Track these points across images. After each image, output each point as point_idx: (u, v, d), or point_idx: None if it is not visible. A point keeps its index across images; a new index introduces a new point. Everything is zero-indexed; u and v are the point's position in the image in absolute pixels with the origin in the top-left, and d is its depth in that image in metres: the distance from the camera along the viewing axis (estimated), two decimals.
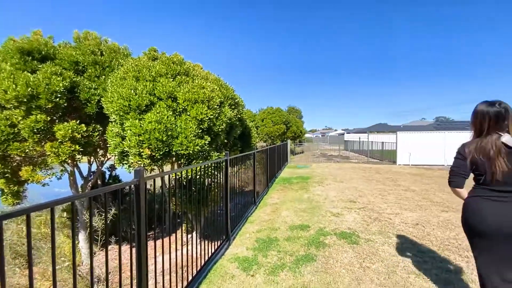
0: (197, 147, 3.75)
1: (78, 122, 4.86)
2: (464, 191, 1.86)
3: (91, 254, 1.78)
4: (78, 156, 5.37)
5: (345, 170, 11.17)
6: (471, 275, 2.59)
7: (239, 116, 4.97)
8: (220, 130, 4.14)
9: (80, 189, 6.53)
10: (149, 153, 3.81)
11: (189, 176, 3.01)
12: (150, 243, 2.38)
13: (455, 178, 1.83)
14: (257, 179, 6.18)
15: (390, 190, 6.77)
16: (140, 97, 4.02)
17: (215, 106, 4.05)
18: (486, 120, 1.68)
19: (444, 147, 12.98)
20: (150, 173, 4.35)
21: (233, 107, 4.69)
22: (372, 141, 18.53)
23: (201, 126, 3.90)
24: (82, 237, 6.43)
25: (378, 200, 5.79)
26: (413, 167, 12.31)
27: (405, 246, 3.31)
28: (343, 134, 50.32)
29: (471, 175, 1.83)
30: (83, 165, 6.74)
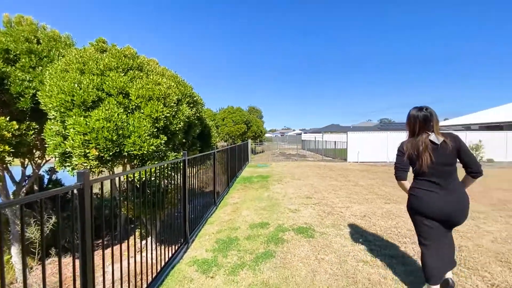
0: (152, 147, 3.54)
1: (8, 118, 4.20)
2: (407, 183, 2.18)
3: (24, 270, 1.55)
4: (8, 158, 4.65)
5: (302, 168, 11.70)
6: (408, 258, 2.94)
7: (198, 115, 4.84)
8: (177, 129, 3.97)
9: (11, 196, 5.66)
10: (97, 154, 3.47)
11: (143, 178, 2.82)
12: (99, 252, 2.17)
13: (399, 172, 2.16)
14: (217, 179, 6.10)
15: (342, 186, 7.30)
16: (85, 92, 3.64)
17: (172, 104, 3.87)
18: (417, 123, 2.05)
19: (387, 145, 14.48)
20: (98, 175, 3.97)
21: (191, 105, 4.55)
22: (326, 141, 19.75)
23: (156, 124, 3.69)
24: (15, 250, 5.59)
25: (331, 195, 6.19)
26: (361, 164, 13.45)
27: (355, 236, 3.60)
28: (300, 134, 52.66)
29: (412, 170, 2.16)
30: (16, 169, 5.86)
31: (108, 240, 5.90)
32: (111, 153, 3.49)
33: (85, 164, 3.55)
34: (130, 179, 3.57)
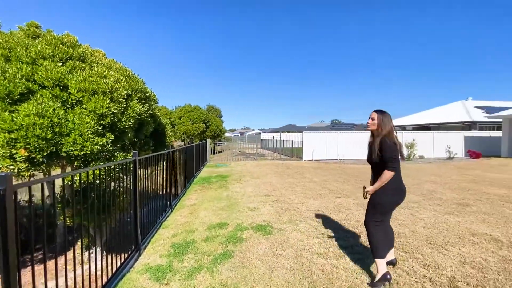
0: (97, 146, 3.18)
1: None
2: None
3: None
4: None
5: (261, 167, 11.89)
6: (356, 247, 3.18)
7: (151, 112, 4.53)
8: (127, 127, 3.65)
9: None
10: (27, 154, 2.99)
11: (85, 181, 2.52)
12: (36, 268, 1.87)
13: (395, 164, 2.33)
14: (173, 180, 5.81)
15: (298, 183, 7.61)
16: (12, 83, 3.11)
17: (121, 99, 3.54)
18: (392, 122, 2.45)
19: (338, 144, 15.59)
20: (30, 179, 3.43)
21: (143, 101, 4.23)
22: (284, 140, 20.41)
23: (102, 121, 3.33)
24: None
25: (289, 192, 6.41)
26: (315, 162, 14.23)
27: (310, 230, 3.77)
28: (259, 133, 53.48)
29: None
30: None
31: (42, 253, 5.16)
32: (45, 154, 3.04)
33: (12, 167, 3.04)
34: (69, 183, 3.17)
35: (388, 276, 2.36)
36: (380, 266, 2.38)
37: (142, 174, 4.21)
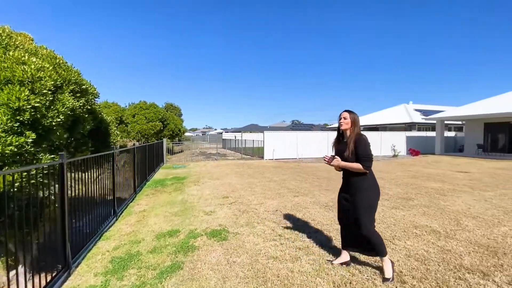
0: (11, 147, 2.60)
1: None
2: None
3: None
4: None
5: (222, 167, 11.58)
6: (312, 248, 3.15)
7: (89, 108, 3.95)
8: (54, 124, 3.08)
9: None
10: None
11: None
12: None
13: (371, 162, 2.47)
14: (119, 185, 5.22)
15: (258, 183, 7.52)
16: None
17: (45, 91, 2.96)
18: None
19: (297, 144, 16.03)
20: None
21: (78, 95, 3.65)
22: (245, 140, 20.33)
23: (18, 117, 2.74)
24: None
25: (248, 192, 6.26)
26: (276, 161, 14.41)
27: (267, 232, 3.65)
28: (222, 133, 52.74)
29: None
30: None
31: None
32: None
33: None
34: None
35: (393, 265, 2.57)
36: (388, 262, 2.49)
37: (78, 178, 3.65)
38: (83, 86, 3.81)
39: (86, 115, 3.95)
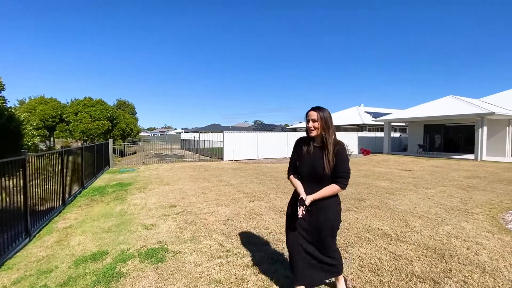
0: None
1: None
2: None
3: None
4: None
5: (176, 170, 10.77)
6: (263, 265, 2.80)
7: None
8: None
9: None
10: None
11: None
12: None
13: (348, 180, 2.07)
14: (37, 197, 4.28)
15: (213, 187, 7.03)
16: None
17: None
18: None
19: (257, 144, 15.85)
20: None
21: None
22: (204, 140, 19.53)
23: None
24: None
25: (200, 199, 5.74)
26: (235, 162, 14.01)
27: (213, 248, 3.21)
28: (182, 133, 50.52)
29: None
30: None
31: None
32: None
33: None
34: None
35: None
36: (342, 280, 2.28)
37: None
38: None
39: None
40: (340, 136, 18.89)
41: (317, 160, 1.92)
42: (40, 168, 4.51)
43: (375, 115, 24.92)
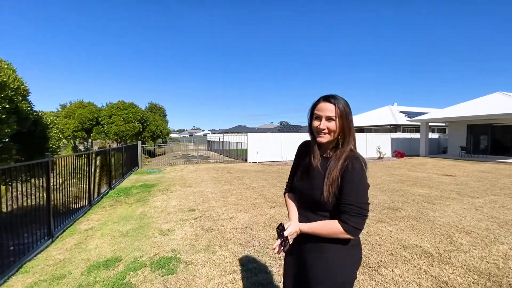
0: None
1: None
2: None
3: None
4: None
5: (200, 172, 10.82)
6: (278, 283, 2.51)
7: (9, 106, 3.15)
8: None
9: None
10: None
11: None
12: None
13: (365, 218, 1.35)
14: (63, 198, 4.42)
15: (234, 190, 6.84)
16: None
17: None
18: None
19: (282, 146, 15.48)
20: None
21: None
22: (229, 141, 19.60)
23: None
24: None
25: (219, 203, 5.57)
26: (259, 164, 13.78)
27: (227, 261, 2.98)
28: (209, 134, 51.70)
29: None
30: None
31: None
32: None
33: None
34: None
35: None
36: None
37: None
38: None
39: (4, 116, 3.16)
40: (372, 137, 17.86)
41: (318, 178, 1.22)
42: (68, 170, 4.66)
43: (410, 114, 23.18)
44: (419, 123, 18.71)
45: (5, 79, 3.14)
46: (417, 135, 19.35)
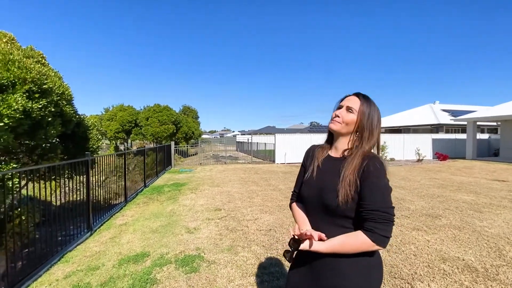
0: None
1: None
2: None
3: None
4: None
5: (228, 172, 11.00)
6: None
7: (54, 110, 3.50)
8: None
9: None
10: None
11: None
12: None
13: (391, 225, 1.23)
14: (102, 194, 4.78)
15: (260, 191, 6.82)
16: None
17: None
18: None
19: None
20: None
21: (36, 95, 3.21)
22: (257, 142, 19.69)
23: None
24: None
25: (245, 204, 5.59)
26: (287, 165, 13.61)
27: (249, 263, 2.96)
28: (238, 135, 52.56)
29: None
30: None
31: None
32: None
33: None
34: None
35: None
36: None
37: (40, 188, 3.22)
38: (43, 86, 3.35)
39: (50, 118, 3.50)
40: (410, 138, 16.62)
41: (330, 181, 1.09)
42: (109, 168, 5.03)
43: (454, 113, 21.18)
44: (465, 123, 16.98)
45: (51, 85, 3.49)
46: (463, 136, 17.57)
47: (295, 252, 1.06)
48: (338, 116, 1.14)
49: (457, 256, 3.08)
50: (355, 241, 1.00)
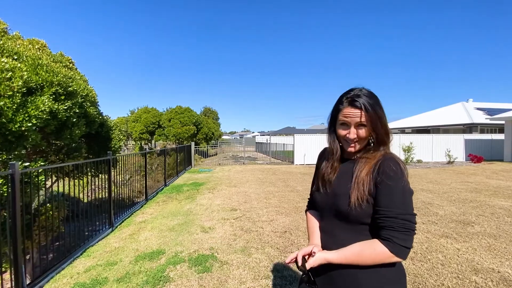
0: None
1: None
2: None
3: None
4: None
5: (246, 172, 11.01)
6: None
7: (78, 111, 3.68)
8: (24, 128, 2.81)
9: None
10: None
11: None
12: None
13: (413, 233, 1.15)
14: (122, 192, 4.96)
15: (277, 192, 6.73)
16: None
17: (11, 93, 2.71)
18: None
19: None
20: None
21: (62, 97, 3.40)
22: (276, 143, 19.57)
23: None
24: None
25: (261, 205, 5.53)
26: (306, 166, 13.35)
27: (262, 265, 2.89)
28: (257, 136, 52.68)
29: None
30: None
31: None
32: None
33: None
34: None
35: None
36: None
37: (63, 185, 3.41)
38: (69, 89, 3.54)
39: (75, 119, 3.68)
40: (439, 139, 15.61)
41: (343, 185, 1.01)
42: (128, 168, 5.22)
43: (490, 111, 19.61)
44: (502, 122, 15.63)
45: (76, 88, 3.68)
46: (500, 136, 16.17)
47: (310, 274, 0.99)
48: (355, 139, 1.00)
49: (492, 268, 2.79)
50: (371, 251, 0.90)
